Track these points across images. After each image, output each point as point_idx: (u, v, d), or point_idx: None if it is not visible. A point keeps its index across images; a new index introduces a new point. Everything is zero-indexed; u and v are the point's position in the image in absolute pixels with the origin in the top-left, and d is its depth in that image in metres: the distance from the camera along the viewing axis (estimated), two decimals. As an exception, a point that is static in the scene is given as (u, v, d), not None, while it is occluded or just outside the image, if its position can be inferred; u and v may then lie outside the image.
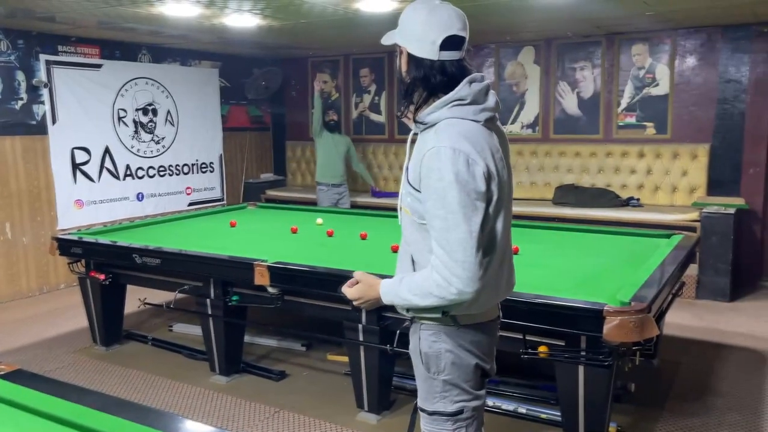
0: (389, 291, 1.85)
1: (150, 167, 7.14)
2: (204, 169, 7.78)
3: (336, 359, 4.25)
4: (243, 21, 5.41)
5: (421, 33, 1.78)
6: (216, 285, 3.90)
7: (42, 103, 6.12)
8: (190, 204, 7.56)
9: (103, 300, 4.49)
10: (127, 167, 6.89)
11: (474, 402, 1.90)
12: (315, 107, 6.94)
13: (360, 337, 3.38)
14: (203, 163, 7.77)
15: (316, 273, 3.36)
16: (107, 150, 6.67)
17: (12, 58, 5.88)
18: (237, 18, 5.28)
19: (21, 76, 5.96)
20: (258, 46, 7.19)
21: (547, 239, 4.29)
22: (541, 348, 2.83)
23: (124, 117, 6.83)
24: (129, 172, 6.91)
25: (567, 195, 6.44)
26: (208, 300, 3.94)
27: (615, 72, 6.51)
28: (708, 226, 5.54)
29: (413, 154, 1.83)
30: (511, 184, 1.90)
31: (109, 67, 6.66)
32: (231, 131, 8.20)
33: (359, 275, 1.97)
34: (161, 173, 7.27)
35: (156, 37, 6.48)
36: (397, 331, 3.19)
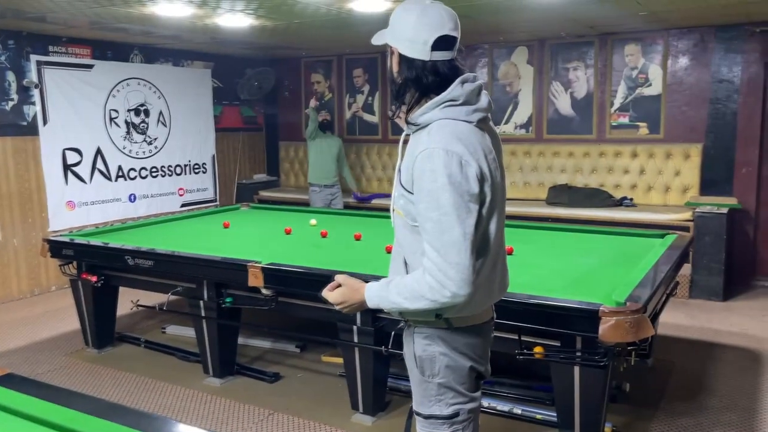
0: (375, 294, 1.82)
1: (142, 168, 7.10)
2: (197, 170, 7.75)
3: (330, 361, 4.24)
4: (236, 21, 5.39)
5: (413, 33, 1.76)
6: (209, 287, 3.88)
7: (33, 104, 6.07)
8: (182, 205, 7.53)
9: (95, 302, 4.45)
10: (119, 168, 6.85)
11: (470, 404, 1.89)
12: (310, 119, 6.91)
13: (355, 339, 3.36)
14: (196, 164, 7.74)
15: (310, 274, 3.34)
16: (99, 151, 6.63)
17: (2, 58, 5.83)
18: (230, 18, 5.26)
19: (11, 76, 5.91)
20: (251, 46, 7.16)
21: (541, 239, 4.29)
22: (537, 348, 2.82)
23: (116, 118, 6.79)
24: (121, 173, 6.87)
25: (560, 195, 6.45)
26: (201, 302, 3.92)
27: (608, 72, 6.52)
28: (701, 225, 5.55)
29: (405, 155, 1.81)
30: (504, 185, 1.88)
31: (101, 68, 6.61)
32: (224, 132, 8.17)
33: (341, 278, 1.93)
34: (153, 174, 7.23)
35: (148, 38, 6.44)
36: (392, 333, 3.18)
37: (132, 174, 6.98)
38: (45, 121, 6.15)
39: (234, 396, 3.81)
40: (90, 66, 6.52)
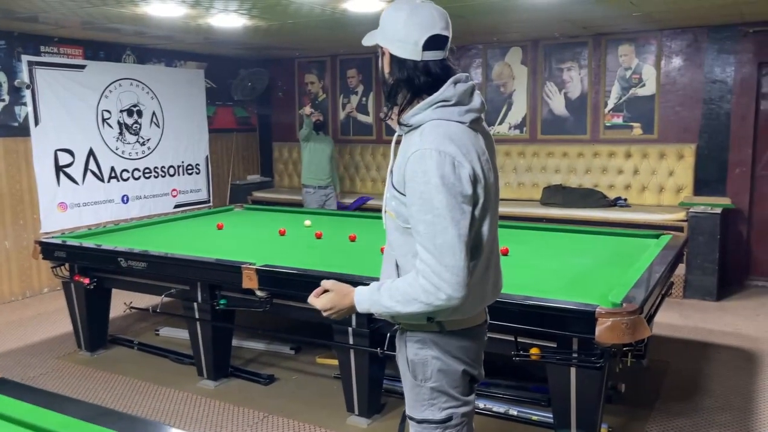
0: (366, 299, 1.79)
1: (135, 169, 7.06)
2: (190, 171, 7.71)
3: (325, 363, 4.22)
4: (229, 21, 5.36)
5: (404, 33, 1.74)
6: (203, 288, 3.85)
7: (24, 105, 6.02)
8: (176, 206, 7.48)
9: (88, 304, 4.42)
10: (112, 169, 6.80)
11: (463, 408, 1.86)
12: (305, 123, 6.85)
13: (350, 341, 3.35)
14: (189, 165, 7.70)
15: (305, 276, 3.32)
16: (91, 152, 6.59)
17: (-7, 58, 5.80)
18: (223, 18, 5.23)
19: (2, 77, 5.86)
20: (244, 46, 7.13)
21: (536, 240, 4.28)
22: (533, 350, 2.81)
23: (108, 118, 6.74)
24: (114, 174, 6.82)
25: (555, 195, 6.45)
26: (195, 304, 3.89)
27: (602, 72, 6.53)
28: (695, 225, 5.57)
29: (398, 156, 1.79)
30: (498, 186, 1.86)
31: (93, 68, 6.57)
32: (217, 132, 8.13)
33: (329, 284, 1.90)
34: (146, 175, 7.19)
35: (140, 38, 6.40)
36: (388, 334, 3.16)
37: (125, 175, 6.94)
38: (37, 122, 6.10)
39: (228, 398, 3.78)
40: (82, 66, 6.48)
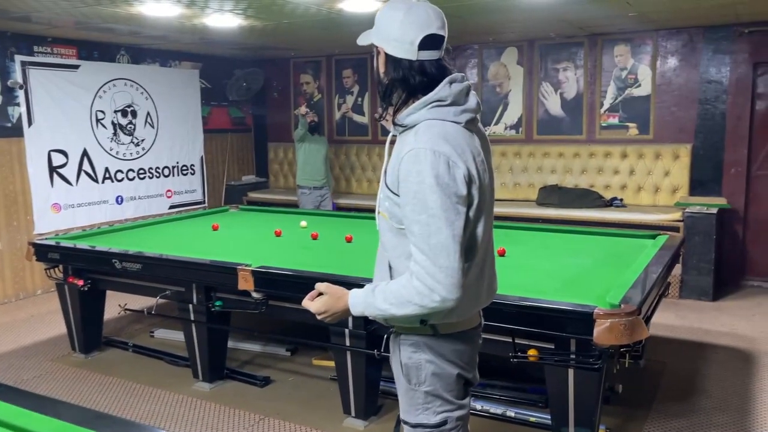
0: (361, 302, 1.77)
1: (129, 170, 7.02)
2: (185, 172, 7.68)
3: (322, 364, 4.20)
4: (224, 21, 5.34)
5: (399, 32, 1.72)
6: (198, 290, 3.83)
7: (17, 105, 5.98)
8: (170, 207, 7.45)
9: (82, 306, 4.38)
10: (106, 170, 6.76)
11: (458, 412, 1.85)
12: (300, 123, 6.82)
13: (347, 342, 3.33)
14: (184, 166, 7.66)
15: (301, 277, 3.29)
16: (85, 152, 6.55)
17: (-14, 58, 5.76)
18: (218, 18, 5.20)
19: (-5, 77, 5.83)
20: (239, 46, 7.11)
21: (532, 240, 4.27)
22: (531, 351, 2.80)
23: (102, 119, 6.70)
24: (108, 174, 6.78)
25: (551, 196, 6.45)
26: (190, 305, 3.87)
27: (597, 73, 6.53)
28: (691, 225, 5.57)
29: (392, 156, 1.77)
30: (493, 188, 1.84)
31: (87, 68, 6.53)
32: (212, 133, 8.10)
33: (323, 287, 1.88)
34: (141, 176, 7.15)
35: (135, 38, 6.37)
36: (385, 336, 3.14)
37: (119, 176, 6.90)
38: (30, 123, 6.06)
39: (224, 401, 3.76)
40: (76, 66, 6.44)
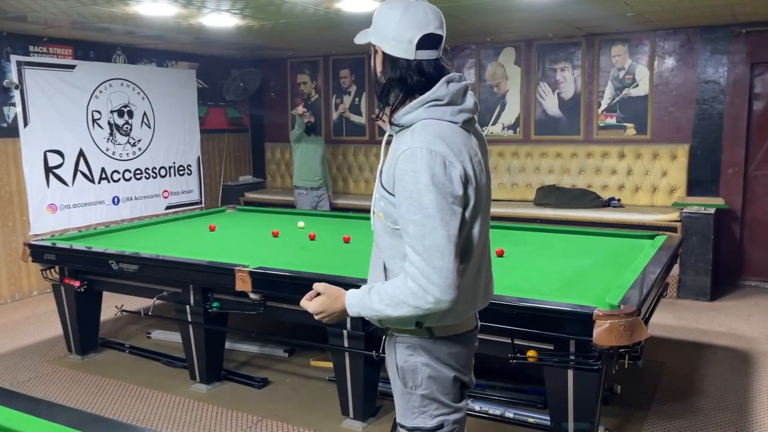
0: (356, 302, 1.76)
1: (126, 170, 6.99)
2: (181, 172, 7.65)
3: (320, 365, 4.18)
4: (221, 21, 5.32)
5: (397, 32, 1.70)
6: (196, 291, 3.81)
7: (13, 105, 5.95)
8: (167, 207, 7.42)
9: (78, 307, 4.36)
10: (102, 170, 6.73)
11: (454, 415, 1.83)
12: (297, 123, 6.80)
13: (345, 343, 3.31)
14: (180, 166, 7.64)
15: (299, 278, 3.28)
16: (81, 153, 6.52)
17: (-19, 58, 5.72)
18: (215, 18, 5.18)
19: (-9, 77, 5.80)
20: (236, 46, 7.09)
21: (530, 241, 4.27)
22: (530, 352, 2.79)
23: (98, 119, 6.68)
24: (104, 175, 6.76)
25: (548, 196, 6.45)
26: (187, 306, 3.85)
27: (595, 73, 6.53)
28: (688, 226, 5.57)
29: (388, 156, 1.76)
30: (490, 188, 1.83)
31: (83, 68, 6.50)
32: (209, 133, 8.08)
33: (321, 287, 1.86)
34: (137, 176, 7.12)
35: (131, 38, 6.35)
36: (383, 337, 3.12)
37: (115, 176, 6.87)
38: (26, 123, 6.03)
39: (221, 402, 3.74)
40: (72, 66, 6.41)
